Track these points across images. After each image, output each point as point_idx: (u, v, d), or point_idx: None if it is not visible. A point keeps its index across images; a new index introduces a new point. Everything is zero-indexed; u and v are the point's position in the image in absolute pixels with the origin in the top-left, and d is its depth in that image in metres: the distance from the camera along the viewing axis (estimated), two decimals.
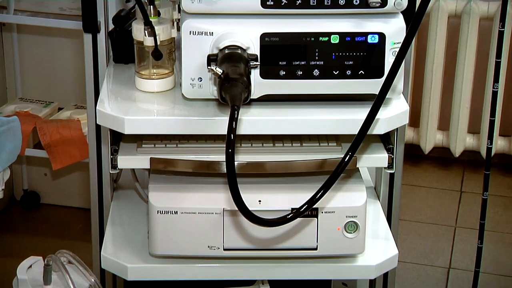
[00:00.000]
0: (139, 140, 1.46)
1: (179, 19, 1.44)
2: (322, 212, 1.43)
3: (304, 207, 1.29)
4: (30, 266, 1.45)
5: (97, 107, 1.42)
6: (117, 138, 1.48)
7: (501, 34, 1.87)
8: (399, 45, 1.31)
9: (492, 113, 1.96)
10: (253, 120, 1.39)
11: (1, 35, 2.77)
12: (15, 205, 2.91)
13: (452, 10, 2.95)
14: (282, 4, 1.35)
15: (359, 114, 1.35)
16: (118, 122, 1.38)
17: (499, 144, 3.09)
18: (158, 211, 1.43)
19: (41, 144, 2.44)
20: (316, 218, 1.44)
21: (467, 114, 3.05)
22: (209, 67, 1.31)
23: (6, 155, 1.50)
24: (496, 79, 1.90)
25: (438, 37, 2.96)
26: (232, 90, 1.25)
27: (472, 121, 3.08)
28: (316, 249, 1.46)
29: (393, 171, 1.49)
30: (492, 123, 1.97)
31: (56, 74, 2.78)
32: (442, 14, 2.93)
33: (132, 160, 1.45)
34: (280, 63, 1.37)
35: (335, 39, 1.37)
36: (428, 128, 3.09)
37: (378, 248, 1.54)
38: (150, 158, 1.44)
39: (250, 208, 1.23)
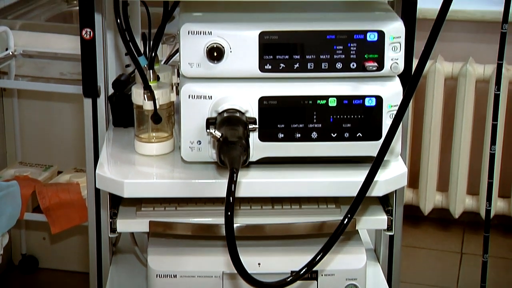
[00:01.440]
0: (138, 203, 1.46)
1: (178, 83, 1.46)
2: (322, 275, 1.43)
3: (304, 270, 1.29)
4: None
5: (96, 171, 1.43)
6: (117, 202, 1.48)
7: (497, 97, 1.89)
8: (396, 107, 1.32)
9: (490, 175, 1.96)
10: (252, 183, 1.39)
11: (1, 100, 2.79)
12: (13, 270, 2.89)
13: (448, 72, 2.98)
14: (280, 68, 1.37)
15: (358, 176, 1.35)
16: (118, 186, 1.39)
17: (499, 205, 3.08)
18: (157, 274, 1.42)
19: (40, 208, 2.44)
20: (316, 281, 1.43)
21: (466, 175, 3.05)
22: (208, 131, 1.32)
23: (5, 220, 1.50)
24: (493, 142, 1.91)
25: (435, 99, 2.98)
26: (231, 153, 1.26)
27: (471, 182, 3.09)
28: None
29: (392, 233, 1.48)
30: (490, 185, 1.97)
31: (56, 138, 2.79)
32: (439, 77, 2.96)
33: (131, 224, 1.45)
34: (278, 126, 1.38)
35: (332, 102, 1.38)
36: (427, 189, 3.09)
37: None
38: (149, 221, 1.44)
39: (249, 271, 1.23)
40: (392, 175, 1.42)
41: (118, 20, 1.43)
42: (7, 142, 2.82)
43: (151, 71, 1.47)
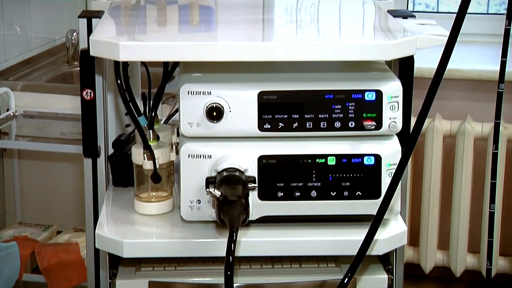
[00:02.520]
0: (137, 263, 1.46)
1: (178, 143, 1.47)
2: None
3: None
4: None
5: (96, 231, 1.42)
6: (116, 262, 1.47)
7: (495, 156, 1.90)
8: (395, 166, 1.33)
9: (490, 234, 1.96)
10: (251, 242, 1.39)
11: (1, 161, 2.80)
12: None
13: (447, 130, 2.99)
14: (279, 127, 1.38)
15: (358, 235, 1.35)
16: (117, 246, 1.38)
17: (500, 264, 3.07)
18: None
19: (39, 269, 2.42)
20: None
21: (466, 233, 3.04)
22: (207, 190, 1.32)
23: (4, 281, 1.49)
24: (492, 200, 1.91)
25: (434, 157, 2.99)
26: (230, 212, 1.26)
27: (472, 240, 3.07)
28: None
29: None
30: (490, 244, 1.97)
31: (56, 198, 2.79)
32: (437, 135, 2.97)
33: (130, 284, 1.44)
34: (278, 184, 1.38)
35: (331, 161, 1.39)
36: (427, 247, 3.08)
37: None
38: (149, 281, 1.43)
39: None
40: (392, 233, 1.41)
41: (119, 81, 1.44)
42: (7, 202, 2.82)
43: (151, 131, 1.48)
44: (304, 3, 2.01)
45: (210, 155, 1.38)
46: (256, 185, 1.36)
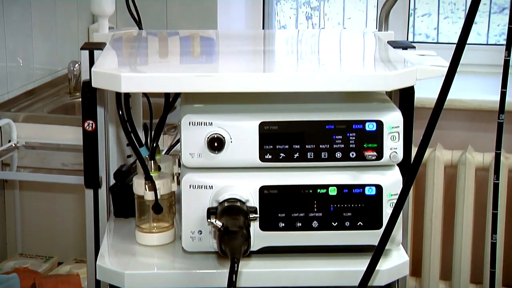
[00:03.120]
0: None
1: (179, 173, 1.47)
2: None
3: None
4: None
5: (97, 262, 1.42)
6: None
7: (496, 187, 1.90)
8: (396, 196, 1.33)
9: (492, 265, 1.95)
10: (253, 273, 1.38)
11: (3, 193, 2.80)
12: None
13: (448, 160, 2.99)
14: (280, 157, 1.38)
15: (359, 265, 1.34)
16: (118, 277, 1.38)
17: None
18: None
19: None
20: None
21: (469, 263, 3.03)
22: (208, 220, 1.32)
23: None
24: (494, 231, 1.91)
25: (436, 187, 2.99)
26: (231, 243, 1.26)
27: (475, 271, 3.06)
28: None
29: None
30: (493, 275, 1.96)
31: (57, 229, 2.79)
32: (438, 165, 2.97)
33: None
34: (279, 215, 1.38)
35: (333, 191, 1.39)
36: (430, 278, 3.06)
37: None
38: None
39: None
40: (394, 264, 1.41)
41: (120, 112, 1.45)
42: (8, 233, 2.81)
43: (152, 161, 1.48)
44: (305, 34, 2.02)
45: (211, 186, 1.38)
46: (258, 215, 1.36)
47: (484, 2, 3.28)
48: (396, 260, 1.42)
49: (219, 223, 1.29)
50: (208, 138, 1.37)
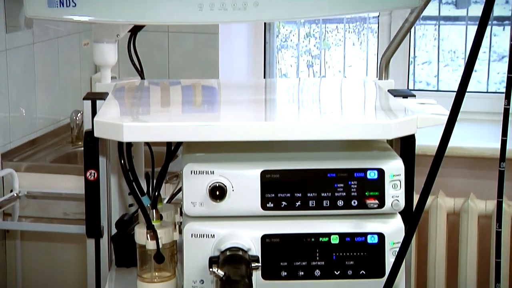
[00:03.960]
0: None
1: (181, 222, 1.47)
2: None
3: None
4: None
5: None
6: None
7: (498, 235, 1.89)
8: (399, 244, 1.32)
9: None
10: None
11: (4, 243, 2.79)
12: None
13: (450, 208, 2.98)
14: (282, 206, 1.38)
15: None
16: None
17: None
18: None
19: None
20: None
21: None
22: (210, 269, 1.32)
23: None
24: (497, 279, 1.89)
25: (438, 235, 2.97)
26: None
27: None
28: None
29: None
30: None
31: (58, 279, 2.77)
32: (441, 212, 2.96)
33: None
34: (281, 264, 1.38)
35: (335, 240, 1.38)
36: None
37: None
38: None
39: None
40: None
41: (122, 161, 1.45)
42: (9, 284, 2.80)
43: (154, 210, 1.48)
44: (306, 82, 2.04)
45: (213, 235, 1.37)
46: (260, 264, 1.36)
47: (483, 50, 3.30)
48: None
49: (221, 272, 1.29)
50: (209, 187, 1.37)
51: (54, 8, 1.47)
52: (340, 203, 1.38)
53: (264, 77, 3.53)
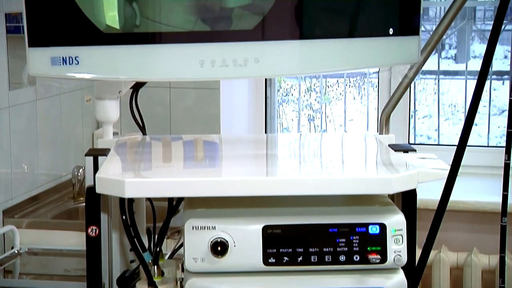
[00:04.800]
0: None
1: (182, 278, 1.46)
2: None
3: None
4: None
5: None
6: None
7: None
8: None
9: None
10: None
11: None
12: None
13: (453, 262, 2.97)
14: (284, 261, 1.37)
15: None
16: None
17: None
18: None
19: None
20: None
21: None
22: None
23: None
24: None
25: None
26: None
27: None
28: None
29: None
30: None
31: None
32: (444, 267, 2.94)
33: None
34: None
35: None
36: None
37: None
38: None
39: None
40: None
41: (123, 217, 1.45)
42: None
43: (155, 266, 1.47)
44: (307, 137, 2.05)
45: None
46: None
47: (483, 104, 3.32)
48: None
49: None
50: (211, 242, 1.37)
51: (57, 66, 1.48)
52: (342, 258, 1.37)
53: (266, 131, 3.54)
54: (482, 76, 1.26)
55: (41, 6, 1.46)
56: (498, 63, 3.36)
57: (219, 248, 1.36)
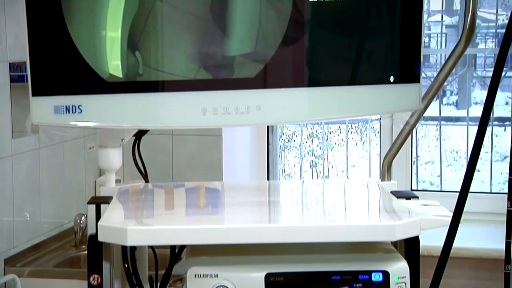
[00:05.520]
0: None
1: None
2: None
3: None
4: None
5: None
6: None
7: None
8: None
9: None
10: None
11: None
12: None
13: None
14: None
15: None
16: None
17: None
18: None
19: None
20: None
21: None
22: None
23: None
24: None
25: None
26: None
27: None
28: None
29: None
30: None
31: None
32: None
33: None
34: None
35: None
36: None
37: None
38: None
39: None
40: None
41: (126, 265, 1.45)
42: None
43: None
44: (310, 184, 2.05)
45: None
46: None
47: (485, 150, 3.33)
48: None
49: None
50: None
51: (61, 115, 1.49)
52: None
53: (268, 178, 3.54)
54: (483, 122, 1.26)
55: (45, 56, 1.48)
56: (500, 110, 3.37)
57: None
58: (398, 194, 1.58)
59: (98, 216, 1.51)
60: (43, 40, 1.47)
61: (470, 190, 1.33)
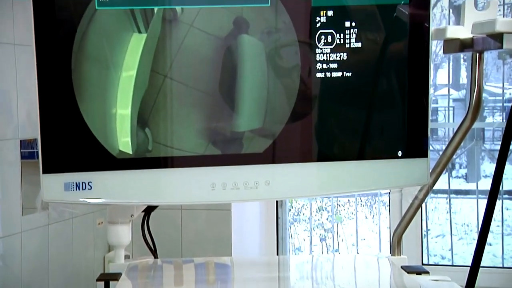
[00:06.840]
0: None
1: None
2: None
3: None
4: None
5: None
6: None
7: None
8: None
9: None
10: None
11: None
12: None
13: None
14: None
15: None
16: None
17: None
18: None
19: None
20: None
21: None
22: None
23: None
24: None
25: None
26: None
27: None
28: None
29: None
30: None
31: None
32: None
33: None
34: None
35: None
36: None
37: None
38: None
39: None
40: None
41: None
42: None
43: None
44: (320, 259, 2.04)
45: None
46: None
47: (496, 224, 3.31)
48: None
49: None
50: None
51: (71, 192, 1.49)
52: None
53: (277, 252, 3.52)
54: (492, 195, 1.26)
55: (56, 133, 1.49)
56: (510, 183, 3.36)
57: None
58: (409, 269, 1.57)
59: None
60: (54, 117, 1.49)
61: (482, 264, 1.31)
